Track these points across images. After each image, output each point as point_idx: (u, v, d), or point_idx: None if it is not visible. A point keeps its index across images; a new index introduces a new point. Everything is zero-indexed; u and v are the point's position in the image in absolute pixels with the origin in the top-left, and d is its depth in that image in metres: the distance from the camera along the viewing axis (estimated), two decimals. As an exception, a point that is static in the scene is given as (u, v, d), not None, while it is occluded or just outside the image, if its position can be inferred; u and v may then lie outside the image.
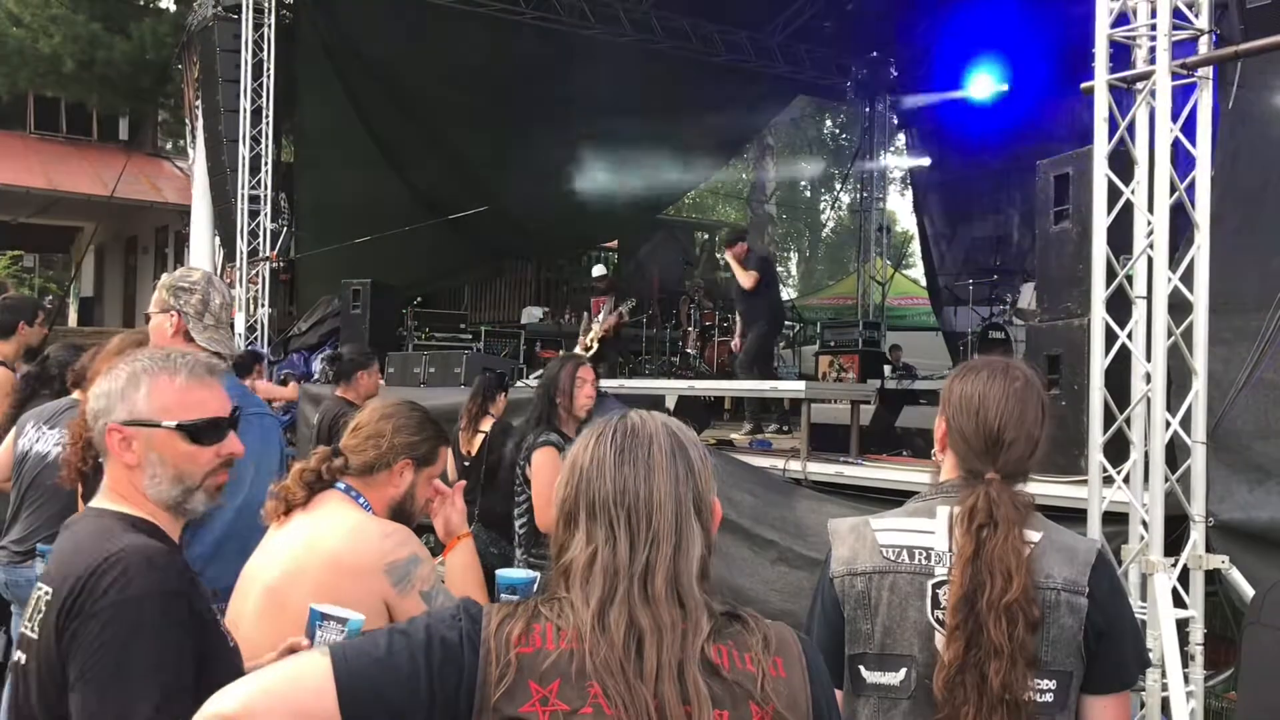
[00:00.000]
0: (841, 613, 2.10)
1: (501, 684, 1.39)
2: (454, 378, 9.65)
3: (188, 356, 2.03)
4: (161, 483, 1.93)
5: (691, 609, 1.46)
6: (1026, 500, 2.09)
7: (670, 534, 1.48)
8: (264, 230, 12.32)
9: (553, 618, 1.45)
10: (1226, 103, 4.52)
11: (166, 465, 1.93)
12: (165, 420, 1.93)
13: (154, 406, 1.93)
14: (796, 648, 1.53)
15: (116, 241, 25.00)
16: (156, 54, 18.58)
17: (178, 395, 1.95)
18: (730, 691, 1.44)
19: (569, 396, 4.83)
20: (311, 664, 1.40)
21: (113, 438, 1.92)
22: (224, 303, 3.37)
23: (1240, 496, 4.37)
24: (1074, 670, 2.03)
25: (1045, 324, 5.35)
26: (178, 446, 1.94)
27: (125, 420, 1.92)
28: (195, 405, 1.96)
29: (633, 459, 1.50)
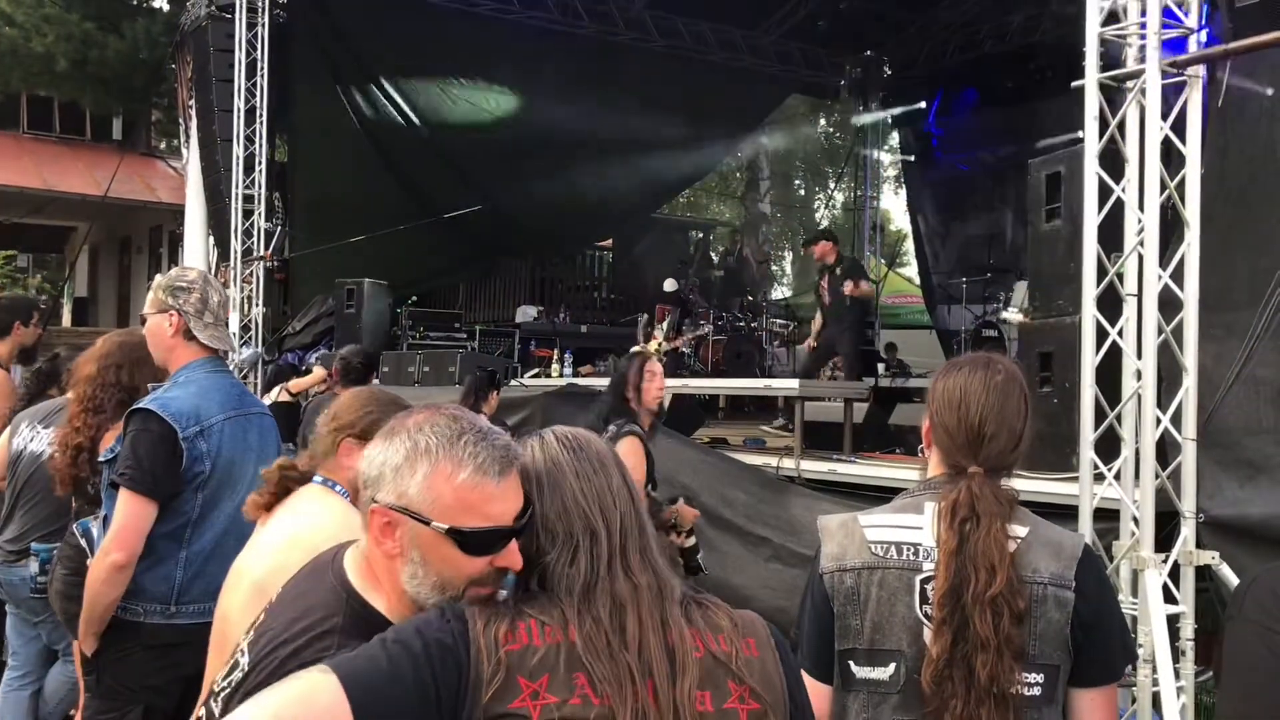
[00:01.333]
0: (831, 608, 2.11)
1: (493, 683, 1.41)
2: (448, 377, 9.66)
3: (484, 442, 1.61)
4: (421, 585, 1.59)
5: (664, 575, 1.58)
6: (1009, 494, 2.10)
7: (631, 518, 1.61)
8: (258, 230, 12.30)
9: (535, 613, 1.48)
10: (1216, 101, 4.55)
11: (429, 569, 1.59)
12: (436, 520, 1.57)
13: (427, 499, 1.57)
14: (764, 631, 1.60)
15: (111, 241, 24.97)
16: (150, 53, 18.54)
17: (457, 492, 1.57)
18: (709, 672, 1.50)
19: (638, 390, 4.93)
20: (317, 682, 1.38)
21: (375, 520, 1.60)
22: (221, 300, 3.39)
23: (1231, 492, 4.40)
24: (1061, 664, 2.05)
25: (1037, 322, 5.37)
26: (443, 550, 1.57)
27: (392, 504, 1.59)
28: (475, 508, 1.57)
29: (587, 458, 1.64)
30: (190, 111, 13.85)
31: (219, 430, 3.21)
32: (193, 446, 3.15)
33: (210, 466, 3.18)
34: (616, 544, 1.56)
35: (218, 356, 3.37)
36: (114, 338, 4.04)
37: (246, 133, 12.18)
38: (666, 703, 1.44)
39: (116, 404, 3.70)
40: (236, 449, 3.24)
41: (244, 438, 3.28)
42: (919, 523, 2.11)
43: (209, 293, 3.37)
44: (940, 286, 15.13)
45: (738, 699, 1.49)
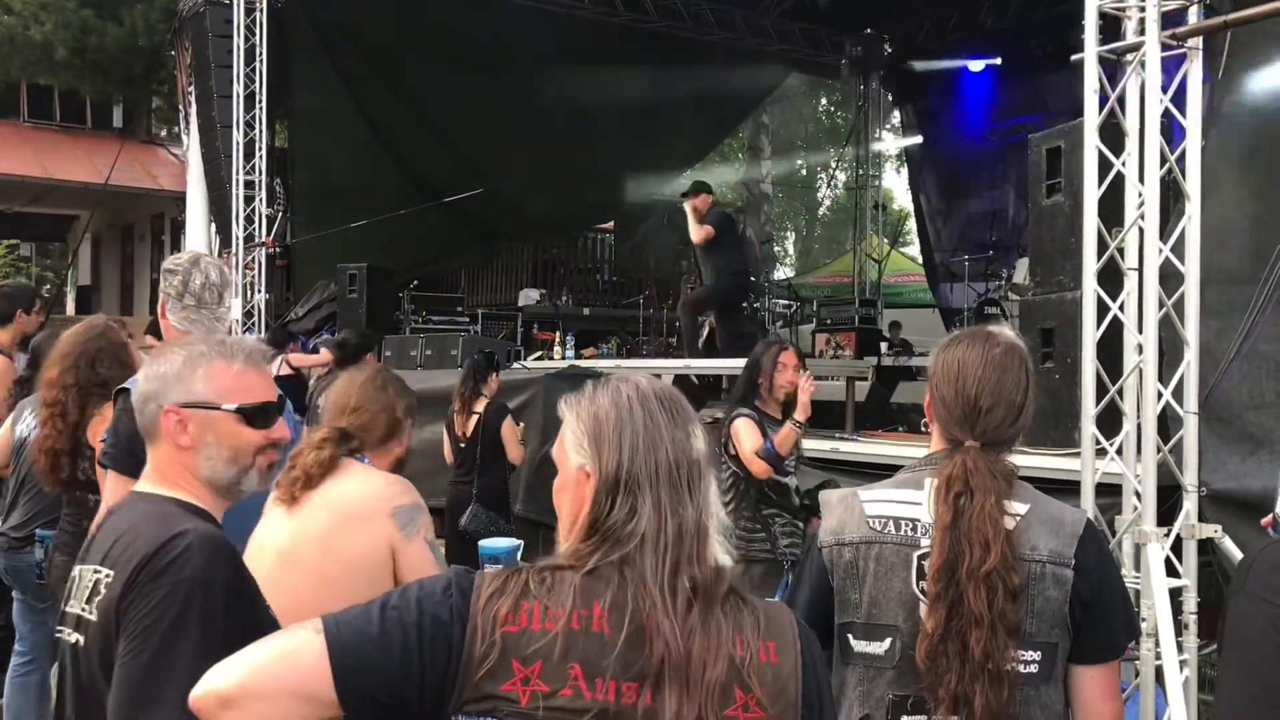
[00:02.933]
0: (829, 582, 2.11)
1: (485, 663, 1.40)
2: (451, 360, 9.67)
3: (241, 341, 2.07)
4: (217, 464, 1.97)
5: (708, 569, 1.48)
6: (1005, 469, 2.09)
7: (705, 496, 1.52)
8: (259, 216, 12.29)
9: (542, 596, 1.44)
10: (1216, 73, 4.53)
11: (222, 447, 1.96)
12: (225, 403, 1.96)
13: (212, 390, 1.96)
14: (793, 631, 1.51)
15: (113, 229, 24.97)
16: (149, 40, 18.48)
17: (235, 379, 1.99)
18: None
19: (769, 378, 5.00)
20: (305, 641, 1.40)
21: (169, 419, 1.95)
22: (206, 283, 3.32)
23: (1233, 466, 4.40)
24: (1059, 642, 2.04)
25: (1039, 297, 5.36)
26: (233, 428, 1.97)
27: (183, 403, 1.95)
28: (250, 389, 2.00)
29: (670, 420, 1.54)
30: (190, 98, 13.83)
31: None
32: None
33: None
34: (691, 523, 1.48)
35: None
36: (70, 336, 4.08)
37: (246, 118, 12.16)
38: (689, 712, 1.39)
39: (81, 401, 3.77)
40: None
41: None
42: (918, 498, 2.10)
43: (193, 275, 3.32)
44: (942, 264, 15.11)
45: (741, 707, 1.43)
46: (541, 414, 7.58)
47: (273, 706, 1.36)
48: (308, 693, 1.37)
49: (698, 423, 1.58)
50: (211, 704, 1.37)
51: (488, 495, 6.29)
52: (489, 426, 6.34)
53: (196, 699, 1.39)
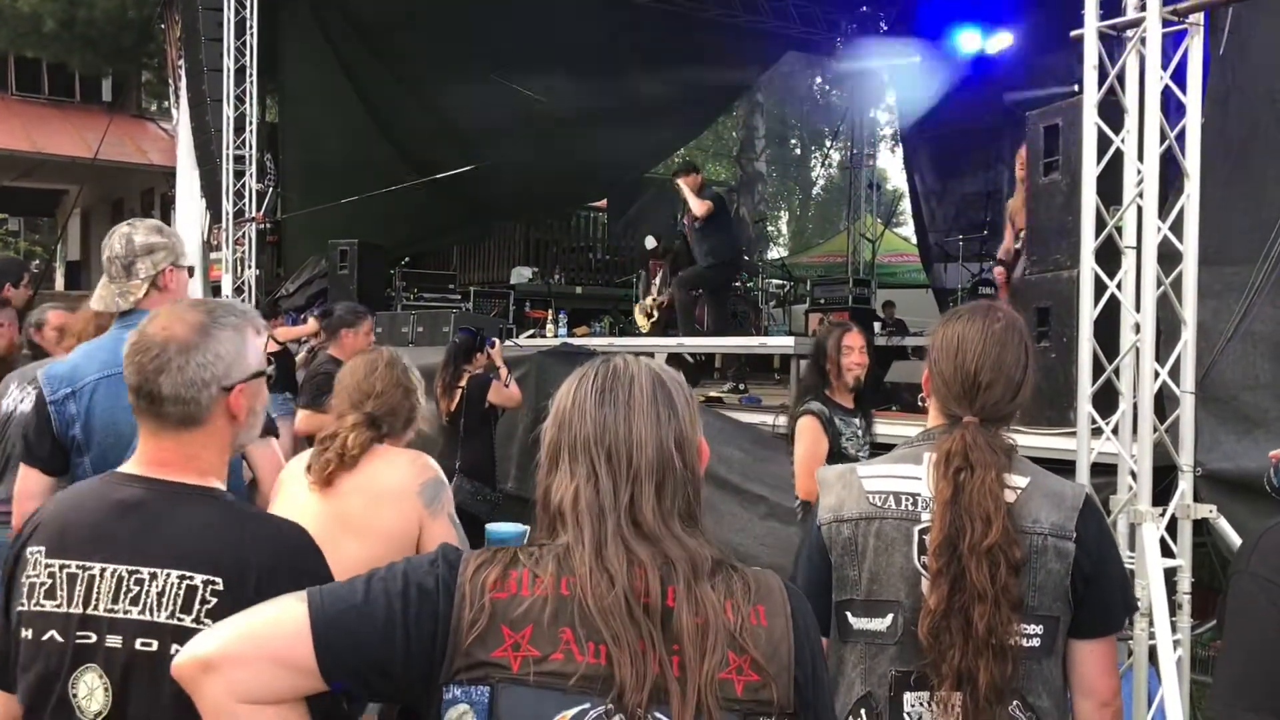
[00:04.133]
0: (828, 559, 2.09)
1: (474, 629, 1.38)
2: (442, 337, 9.63)
3: (239, 303, 2.09)
4: (253, 430, 2.01)
5: (690, 543, 1.46)
6: (1004, 444, 2.07)
7: (651, 472, 1.47)
8: (250, 191, 12.19)
9: (530, 564, 1.43)
10: (1217, 50, 4.49)
11: (258, 410, 2.01)
12: (263, 368, 2.02)
13: (255, 358, 1.98)
14: (781, 594, 1.50)
15: (103, 204, 24.82)
16: (138, 12, 18.33)
17: (258, 346, 2.02)
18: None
19: (836, 364, 4.76)
20: (290, 609, 1.40)
21: (240, 399, 1.93)
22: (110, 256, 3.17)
23: (1228, 446, 4.39)
24: (1061, 615, 2.03)
25: (1034, 276, 5.33)
26: (260, 389, 2.01)
27: (245, 378, 1.94)
28: (261, 351, 2.03)
29: (613, 400, 1.50)
30: (180, 71, 13.71)
31: (90, 390, 3.01)
32: (61, 409, 2.99)
33: (82, 430, 3.00)
34: (624, 496, 1.45)
35: (134, 312, 3.12)
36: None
37: (236, 93, 12.04)
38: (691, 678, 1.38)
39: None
40: (115, 407, 2.95)
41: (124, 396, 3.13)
42: (917, 473, 2.08)
43: (111, 243, 3.18)
44: (937, 245, 15.08)
45: (735, 670, 1.42)
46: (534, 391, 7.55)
47: (253, 673, 1.36)
48: (288, 660, 1.37)
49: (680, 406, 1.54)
50: (193, 669, 1.37)
51: (472, 467, 6.25)
52: (473, 399, 6.30)
53: (178, 665, 1.38)
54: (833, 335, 4.82)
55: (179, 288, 3.25)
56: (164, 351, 1.87)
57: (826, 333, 4.90)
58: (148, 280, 3.15)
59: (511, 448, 7.15)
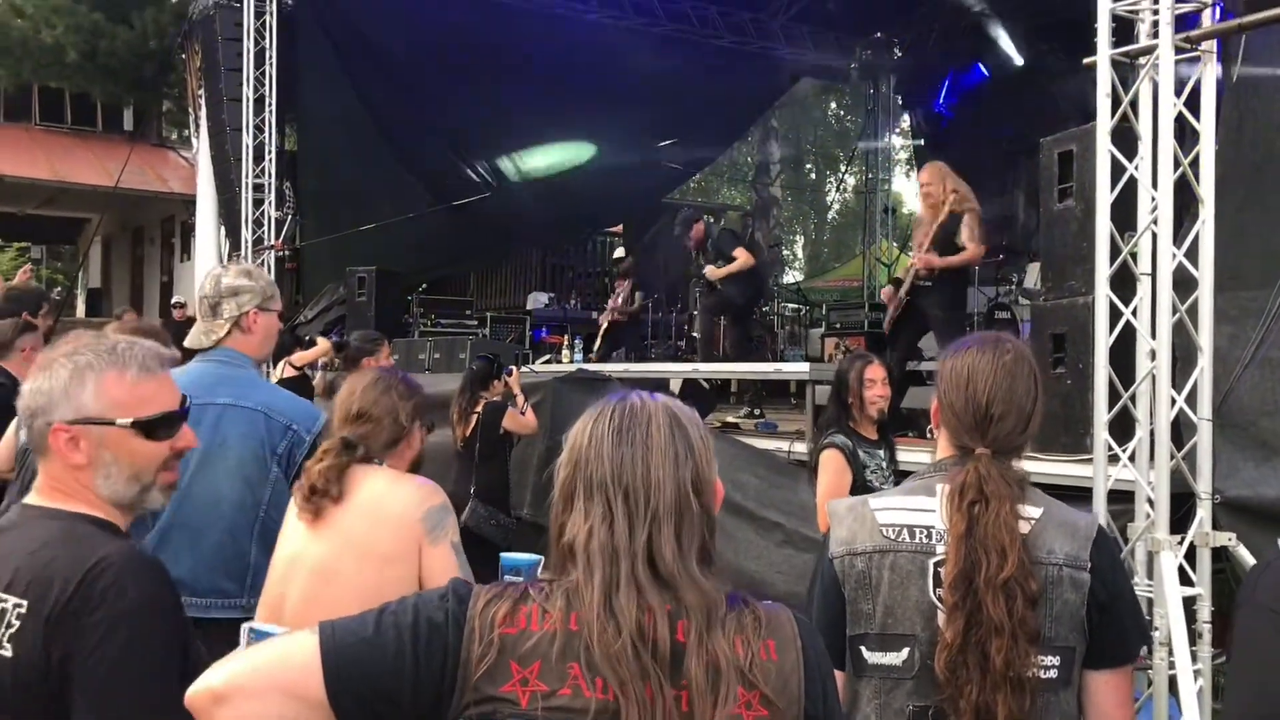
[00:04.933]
0: (841, 593, 2.08)
1: (483, 663, 1.39)
2: (459, 364, 9.65)
3: (136, 347, 1.87)
4: (116, 482, 1.81)
5: (708, 589, 1.44)
6: (1017, 475, 2.07)
7: (670, 513, 1.45)
8: (268, 219, 12.32)
9: (539, 600, 1.44)
10: (1230, 77, 4.49)
11: (121, 464, 1.81)
12: (119, 418, 1.80)
13: (104, 404, 1.80)
14: (792, 628, 1.50)
15: (123, 232, 25.05)
16: (159, 43, 18.56)
17: (129, 390, 1.82)
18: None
19: (859, 398, 4.69)
20: (301, 642, 1.41)
21: (58, 437, 1.78)
22: (201, 297, 3.30)
23: (1246, 473, 4.36)
24: (1077, 646, 2.02)
25: (1050, 303, 5.32)
26: (131, 444, 1.82)
27: (72, 419, 1.78)
28: (148, 400, 1.84)
29: (630, 439, 1.48)
30: (199, 101, 13.86)
31: None
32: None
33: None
34: (642, 535, 1.43)
35: (217, 348, 3.25)
36: (127, 327, 4.04)
37: (255, 122, 12.18)
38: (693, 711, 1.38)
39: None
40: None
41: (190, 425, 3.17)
42: (930, 505, 2.08)
43: (204, 283, 3.32)
44: (952, 269, 15.03)
45: (744, 705, 1.41)
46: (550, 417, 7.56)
47: (264, 705, 1.38)
48: (298, 691, 1.38)
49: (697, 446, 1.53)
50: (205, 700, 1.38)
51: (486, 491, 6.27)
52: (488, 425, 6.31)
53: (191, 696, 1.40)
54: (854, 368, 4.74)
55: (263, 329, 3.32)
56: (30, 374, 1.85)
57: (847, 365, 4.82)
58: (230, 321, 3.24)
59: (527, 475, 7.15)
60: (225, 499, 3.06)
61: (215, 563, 3.03)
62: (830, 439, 4.63)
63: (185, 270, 20.55)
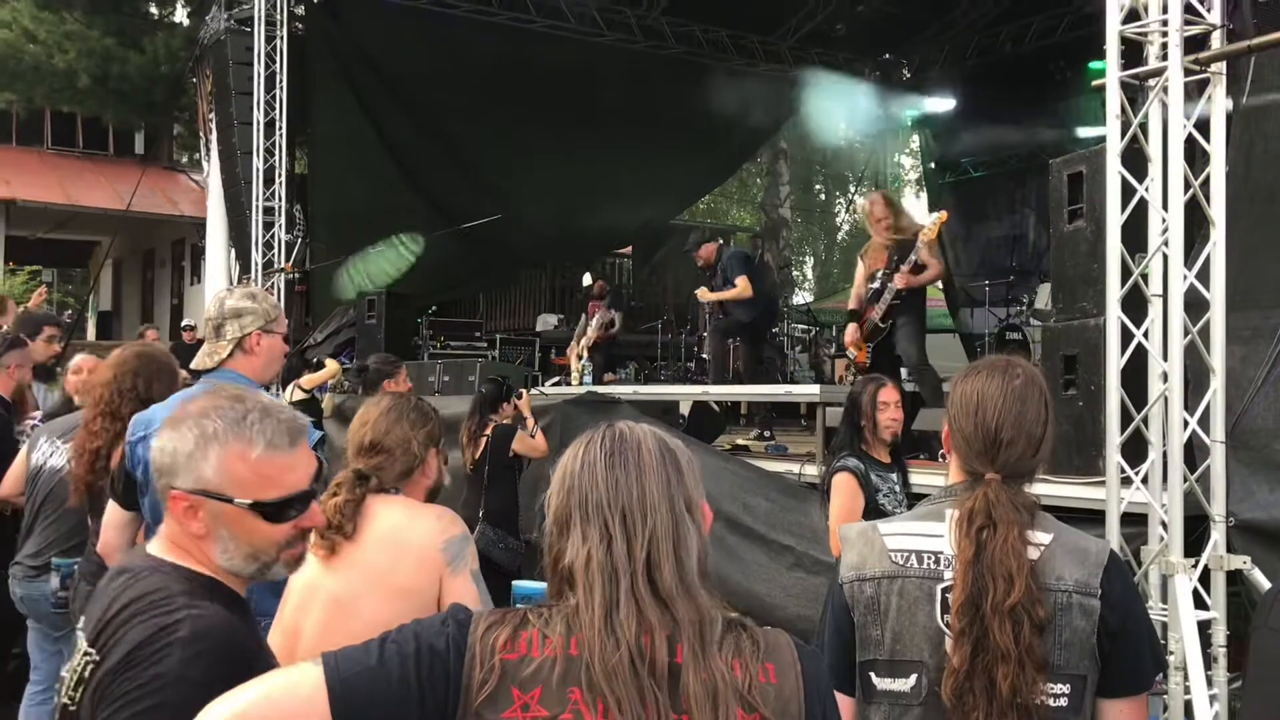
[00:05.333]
0: (851, 618, 2.07)
1: (484, 689, 1.40)
2: (468, 386, 9.65)
3: (269, 419, 1.73)
4: (234, 557, 1.72)
5: (702, 602, 1.46)
6: (1027, 501, 2.05)
7: (668, 532, 1.48)
8: (279, 242, 12.36)
9: (539, 625, 1.45)
10: (1240, 98, 4.48)
11: (239, 542, 1.71)
12: (238, 497, 1.69)
13: (224, 479, 1.69)
14: (791, 653, 1.51)
15: (134, 255, 25.15)
16: (170, 67, 18.66)
17: (253, 469, 1.69)
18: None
19: (872, 421, 4.67)
20: (305, 673, 1.42)
21: (177, 504, 1.70)
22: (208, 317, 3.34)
23: (1261, 496, 4.32)
24: (1088, 674, 1.99)
25: (1061, 324, 5.30)
26: (250, 523, 1.70)
27: (191, 489, 1.69)
28: (273, 480, 1.71)
29: (623, 462, 1.51)
30: (210, 125, 13.94)
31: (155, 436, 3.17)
32: (133, 450, 3.17)
33: (143, 472, 3.14)
34: (640, 557, 1.45)
35: (218, 370, 3.27)
36: (132, 347, 4.03)
37: (266, 145, 12.24)
38: None
39: (130, 412, 3.67)
40: None
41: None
42: (939, 530, 2.06)
43: (209, 305, 3.37)
44: (963, 289, 15.04)
45: None
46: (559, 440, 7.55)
47: None
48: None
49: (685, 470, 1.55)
50: None
51: (496, 514, 6.26)
52: (497, 448, 6.31)
53: None
54: (867, 390, 4.71)
55: (266, 351, 3.33)
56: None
57: (860, 388, 4.79)
58: (233, 342, 3.27)
59: (537, 497, 7.12)
60: None
61: None
62: (843, 462, 4.60)
63: (195, 293, 20.62)
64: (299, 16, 12.79)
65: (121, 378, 3.79)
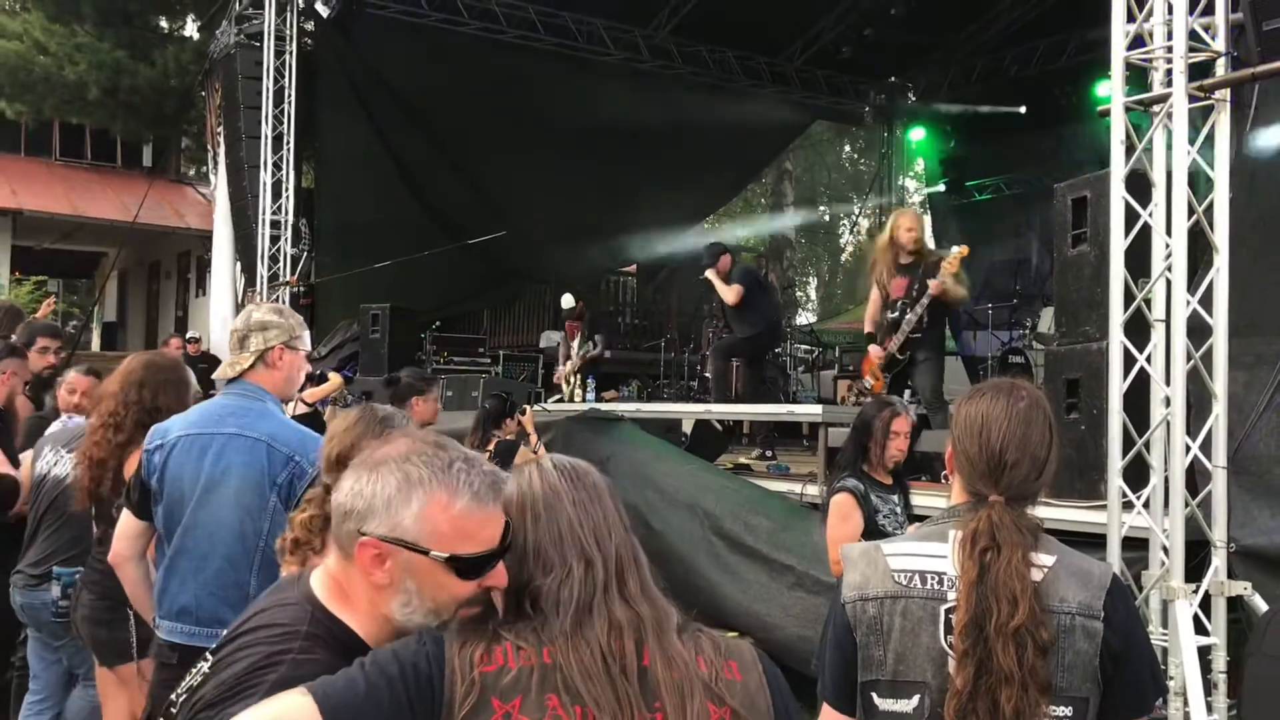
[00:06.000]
0: (854, 639, 2.07)
1: (466, 703, 1.44)
2: (472, 401, 9.68)
3: (474, 470, 1.65)
4: (415, 613, 1.62)
5: (662, 605, 1.60)
6: (1031, 523, 2.05)
7: (627, 548, 1.64)
8: (284, 255, 12.40)
9: (512, 638, 1.51)
10: (1244, 125, 4.50)
11: (424, 596, 1.62)
12: (435, 549, 1.59)
13: (423, 529, 1.59)
14: (751, 654, 1.63)
15: (140, 267, 25.22)
16: (180, 81, 18.77)
17: (454, 522, 1.60)
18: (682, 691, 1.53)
19: (881, 447, 4.63)
20: (297, 705, 1.42)
21: (365, 552, 1.60)
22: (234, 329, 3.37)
23: (1262, 522, 4.33)
24: (1090, 696, 1.99)
25: (1064, 348, 5.31)
26: (441, 579, 1.60)
27: (385, 536, 1.59)
28: (470, 535, 1.60)
29: (584, 488, 1.67)
30: (218, 138, 14.01)
31: (171, 446, 3.18)
32: (149, 459, 3.19)
33: (158, 481, 3.17)
34: (613, 571, 1.59)
35: (238, 381, 3.31)
36: (140, 357, 4.04)
37: (274, 159, 12.30)
38: None
39: (135, 423, 3.68)
40: (183, 466, 3.16)
41: (195, 455, 3.18)
42: (943, 551, 2.07)
43: (237, 318, 3.41)
44: (966, 312, 15.02)
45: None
46: (561, 456, 7.56)
47: None
48: None
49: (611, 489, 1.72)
50: None
51: None
52: (500, 463, 6.27)
53: None
54: (881, 415, 4.67)
55: (288, 367, 3.35)
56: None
57: (874, 411, 4.75)
58: (255, 354, 3.29)
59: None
60: (225, 527, 3.10)
61: (216, 590, 3.07)
62: (842, 482, 4.61)
63: (201, 305, 20.66)
64: (308, 32, 12.85)
65: (127, 389, 3.81)
